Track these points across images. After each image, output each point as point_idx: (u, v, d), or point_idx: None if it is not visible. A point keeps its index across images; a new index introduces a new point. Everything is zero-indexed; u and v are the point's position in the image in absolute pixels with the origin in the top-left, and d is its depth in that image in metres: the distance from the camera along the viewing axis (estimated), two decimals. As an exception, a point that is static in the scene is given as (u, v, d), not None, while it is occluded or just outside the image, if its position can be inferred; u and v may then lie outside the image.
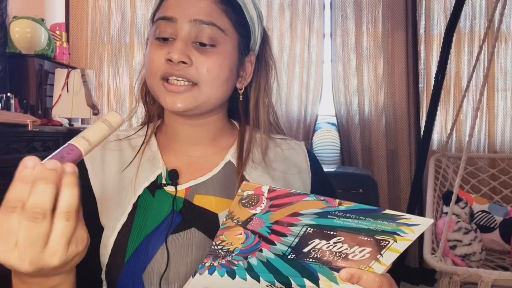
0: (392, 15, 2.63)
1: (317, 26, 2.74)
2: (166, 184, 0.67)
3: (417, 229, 0.45)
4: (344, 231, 0.45)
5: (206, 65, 0.64)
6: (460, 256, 1.79)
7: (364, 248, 0.47)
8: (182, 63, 0.63)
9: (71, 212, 0.40)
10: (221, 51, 0.65)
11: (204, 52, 0.64)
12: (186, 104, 0.64)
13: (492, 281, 1.37)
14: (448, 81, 2.58)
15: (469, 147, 1.62)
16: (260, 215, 0.44)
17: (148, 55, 0.66)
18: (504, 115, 2.54)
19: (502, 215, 2.05)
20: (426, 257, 1.63)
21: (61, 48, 2.74)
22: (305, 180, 0.73)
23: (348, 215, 0.43)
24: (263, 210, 0.43)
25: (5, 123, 1.84)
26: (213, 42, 0.64)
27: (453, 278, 1.47)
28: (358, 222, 0.44)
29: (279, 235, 0.46)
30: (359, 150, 2.69)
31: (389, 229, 0.45)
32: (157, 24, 0.66)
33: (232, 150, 0.72)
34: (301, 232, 0.45)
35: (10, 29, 2.44)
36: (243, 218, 0.44)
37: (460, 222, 1.86)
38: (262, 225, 0.45)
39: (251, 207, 0.43)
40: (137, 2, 2.94)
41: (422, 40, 2.64)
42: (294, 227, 0.45)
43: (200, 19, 0.64)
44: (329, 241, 0.46)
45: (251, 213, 0.44)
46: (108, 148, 0.70)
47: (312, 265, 0.48)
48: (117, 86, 2.98)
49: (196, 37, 0.64)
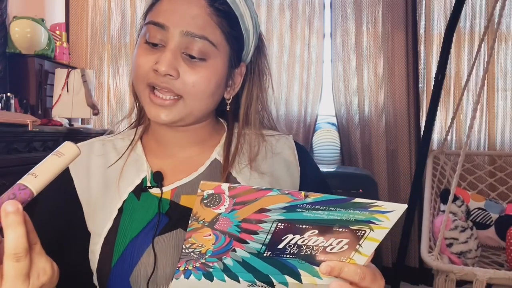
0: (392, 15, 2.63)
1: (317, 26, 2.74)
2: (151, 186, 0.66)
3: (392, 216, 0.44)
4: (317, 224, 0.44)
5: (192, 79, 0.62)
6: (457, 254, 1.80)
7: (341, 240, 0.45)
8: (168, 76, 0.61)
9: (20, 253, 0.39)
10: (210, 66, 0.63)
11: (193, 65, 0.62)
12: (170, 118, 0.63)
13: (487, 279, 1.40)
14: (448, 81, 2.59)
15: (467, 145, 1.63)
16: (226, 214, 0.43)
17: (135, 58, 0.64)
18: (504, 115, 2.54)
19: (498, 212, 2.08)
20: (423, 255, 1.65)
21: (61, 48, 2.74)
22: (293, 174, 0.73)
23: (317, 207, 0.42)
24: (228, 209, 0.42)
25: (5, 123, 1.84)
26: (203, 56, 0.63)
27: (449, 276, 1.49)
28: (329, 214, 0.43)
29: (250, 233, 0.45)
30: (359, 150, 2.69)
31: (362, 218, 0.43)
32: (147, 27, 0.64)
33: (218, 148, 0.71)
34: (272, 228, 0.44)
35: (10, 29, 2.44)
36: (209, 219, 0.43)
37: (457, 220, 1.88)
38: (230, 224, 0.44)
39: (214, 206, 0.42)
40: (137, 2, 2.94)
41: (422, 40, 2.64)
42: (264, 223, 0.44)
43: (192, 32, 0.61)
44: (303, 235, 0.45)
45: (216, 212, 0.43)
46: (92, 153, 0.70)
47: (291, 261, 0.47)
48: (117, 86, 2.98)
49: (186, 49, 0.62)
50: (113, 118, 2.99)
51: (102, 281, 0.62)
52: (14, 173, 1.87)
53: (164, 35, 0.62)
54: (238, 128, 0.72)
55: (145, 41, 0.64)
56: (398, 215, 0.43)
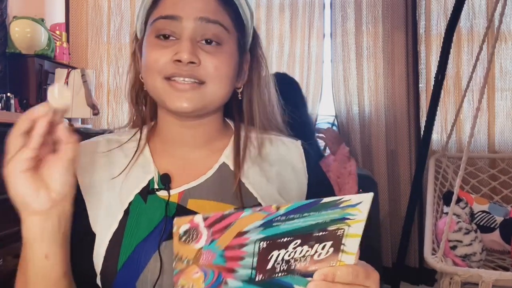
0: (392, 15, 2.63)
1: (317, 26, 2.74)
2: (158, 189, 0.64)
3: (362, 207, 0.43)
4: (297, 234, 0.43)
5: (214, 63, 0.62)
6: (461, 257, 1.79)
7: (324, 244, 0.45)
8: (190, 63, 0.61)
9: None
10: (227, 49, 0.65)
11: (211, 51, 0.63)
12: (193, 104, 0.62)
13: (493, 281, 1.37)
14: (448, 81, 2.58)
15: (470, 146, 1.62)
16: (208, 247, 0.41)
17: (149, 55, 0.64)
18: (504, 115, 2.54)
19: (502, 215, 2.05)
20: (426, 257, 1.62)
21: (61, 48, 2.74)
22: (301, 180, 0.71)
23: (292, 217, 0.41)
24: (208, 241, 0.41)
25: (5, 123, 1.84)
26: (219, 41, 0.64)
27: (454, 278, 1.47)
28: (305, 220, 0.42)
29: (236, 260, 0.43)
30: (359, 150, 2.69)
31: (337, 216, 0.43)
32: (157, 23, 0.64)
33: (226, 152, 0.70)
34: (256, 249, 0.43)
35: (10, 29, 2.44)
36: (192, 256, 0.42)
37: (461, 222, 1.86)
38: (214, 256, 0.43)
39: (193, 242, 0.41)
40: (137, 2, 2.93)
41: (422, 40, 2.64)
42: (246, 246, 0.42)
43: (206, 17, 0.62)
44: (287, 249, 0.44)
45: (197, 248, 0.41)
46: (97, 152, 0.68)
47: (284, 279, 0.46)
48: (117, 86, 2.98)
49: (202, 36, 0.63)
50: (113, 118, 2.99)
51: (106, 282, 0.61)
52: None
53: (177, 26, 0.62)
54: (244, 130, 0.72)
55: (155, 36, 0.64)
56: (367, 205, 0.43)
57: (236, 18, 0.67)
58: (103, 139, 0.71)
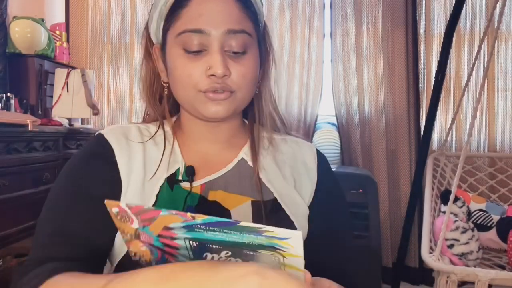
0: (392, 15, 2.63)
1: (317, 26, 2.74)
2: (183, 180, 0.68)
3: (293, 243, 0.39)
4: (225, 245, 0.42)
5: (242, 72, 0.65)
6: (458, 255, 1.79)
7: (262, 263, 0.42)
8: (224, 76, 0.64)
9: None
10: (251, 55, 0.67)
11: (238, 60, 0.65)
12: (226, 111, 0.66)
13: (489, 280, 1.38)
14: (448, 81, 2.58)
15: (468, 146, 1.62)
16: (142, 229, 0.43)
17: (181, 70, 0.65)
18: (504, 115, 2.54)
19: (499, 214, 2.06)
20: (424, 256, 1.64)
21: (61, 48, 2.74)
22: (312, 179, 0.74)
23: (211, 228, 0.40)
24: (140, 225, 0.43)
25: (5, 123, 1.84)
26: (245, 49, 0.66)
27: (450, 277, 1.48)
28: (227, 236, 0.40)
29: (173, 248, 0.44)
30: (359, 150, 2.69)
31: (263, 243, 0.40)
32: (184, 36, 0.64)
33: (245, 149, 0.74)
34: (188, 245, 0.43)
35: (10, 29, 2.44)
36: (132, 232, 0.44)
37: (458, 221, 1.86)
38: (151, 239, 0.44)
39: (128, 222, 0.43)
40: (137, 2, 2.94)
41: (422, 40, 2.64)
42: (177, 240, 0.43)
43: (233, 29, 0.64)
44: (220, 255, 0.43)
45: (134, 227, 0.43)
46: (130, 137, 0.70)
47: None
48: (117, 86, 2.98)
49: (230, 47, 0.65)
50: (113, 118, 2.99)
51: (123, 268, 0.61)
52: (14, 173, 1.87)
53: (206, 39, 0.64)
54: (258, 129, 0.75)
55: (183, 50, 0.65)
56: (298, 242, 0.39)
57: (255, 19, 0.69)
58: (133, 126, 0.73)
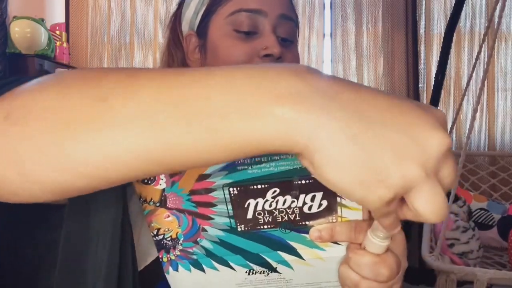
0: (392, 15, 2.63)
1: (317, 26, 2.74)
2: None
3: None
4: (272, 181, 0.37)
5: (290, 60, 0.63)
6: (458, 254, 1.80)
7: (314, 195, 0.38)
8: (278, 58, 0.61)
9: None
10: (295, 47, 0.65)
11: (286, 47, 0.63)
12: None
13: (487, 279, 1.39)
14: (448, 81, 2.58)
15: (467, 146, 1.63)
16: (170, 189, 0.38)
17: (233, 48, 0.61)
18: (504, 115, 2.54)
19: (500, 212, 2.07)
20: (424, 255, 1.65)
21: (61, 48, 2.74)
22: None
23: (258, 159, 0.36)
24: (168, 183, 0.38)
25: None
26: (293, 38, 0.64)
27: (450, 276, 1.48)
28: (276, 165, 0.37)
29: (207, 205, 0.39)
30: (359, 150, 2.69)
31: None
32: (238, 16, 0.61)
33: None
34: (226, 195, 0.38)
35: (10, 29, 2.44)
36: (157, 198, 0.39)
37: (458, 220, 1.87)
38: (181, 199, 0.39)
39: (153, 183, 0.38)
40: (137, 2, 2.94)
41: (422, 40, 2.64)
42: (214, 192, 0.38)
43: (286, 14, 0.62)
44: (265, 198, 0.38)
45: (159, 189, 0.39)
46: None
47: (272, 232, 0.40)
48: (117, 86, 2.98)
49: (281, 33, 0.62)
50: (113, 118, 2.99)
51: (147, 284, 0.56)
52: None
53: (260, 21, 0.61)
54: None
55: (234, 31, 0.61)
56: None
57: (296, 17, 0.67)
58: None
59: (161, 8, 2.89)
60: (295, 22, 0.64)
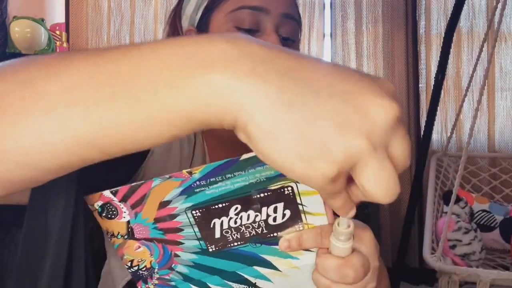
0: (392, 15, 2.63)
1: (317, 26, 2.74)
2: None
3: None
4: (232, 198, 0.37)
5: None
6: (460, 256, 1.79)
7: (275, 206, 0.38)
8: None
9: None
10: (297, 47, 0.64)
11: (288, 46, 0.60)
12: None
13: (490, 280, 1.38)
14: (448, 81, 2.58)
15: (469, 146, 1.63)
16: (134, 221, 0.38)
17: None
18: (504, 115, 2.54)
19: (503, 214, 2.06)
20: (425, 256, 1.64)
21: (61, 48, 2.74)
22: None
23: (213, 180, 0.36)
24: (131, 214, 0.38)
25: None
26: (295, 38, 0.63)
27: (452, 277, 1.47)
28: (232, 183, 0.36)
29: (174, 231, 0.39)
30: (359, 150, 2.69)
31: (272, 173, 0.36)
32: (240, 13, 0.59)
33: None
34: (191, 219, 0.38)
35: (10, 29, 2.44)
36: (123, 231, 0.39)
37: (460, 221, 1.86)
38: (147, 229, 0.39)
39: (116, 217, 0.38)
40: (137, 2, 2.93)
41: (422, 40, 2.64)
42: (178, 217, 0.38)
43: (288, 13, 0.61)
44: (228, 216, 0.38)
45: (124, 222, 0.39)
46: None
47: (243, 248, 0.41)
48: (117, 86, 2.98)
49: (282, 32, 0.61)
50: (113, 118, 2.99)
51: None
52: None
53: (262, 19, 0.60)
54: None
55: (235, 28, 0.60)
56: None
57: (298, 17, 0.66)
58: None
59: (161, 8, 2.88)
60: (298, 21, 0.63)
